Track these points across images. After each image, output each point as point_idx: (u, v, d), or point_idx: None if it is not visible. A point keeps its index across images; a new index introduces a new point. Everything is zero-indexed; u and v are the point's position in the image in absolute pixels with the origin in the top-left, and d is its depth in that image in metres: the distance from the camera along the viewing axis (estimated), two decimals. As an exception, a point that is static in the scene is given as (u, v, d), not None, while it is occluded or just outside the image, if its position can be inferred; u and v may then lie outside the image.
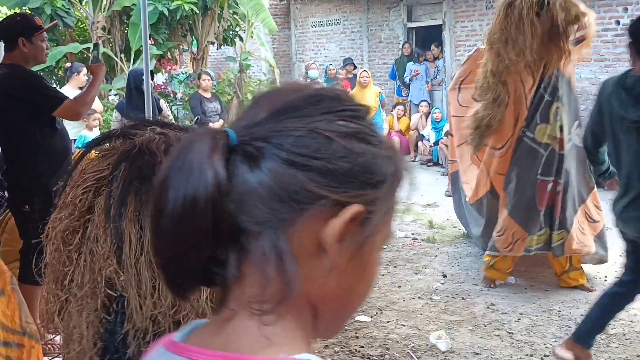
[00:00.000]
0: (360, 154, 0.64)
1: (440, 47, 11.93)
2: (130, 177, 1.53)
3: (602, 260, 4.84)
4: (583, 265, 4.82)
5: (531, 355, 3.74)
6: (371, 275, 0.70)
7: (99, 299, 1.57)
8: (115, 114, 6.77)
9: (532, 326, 4.13)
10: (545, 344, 3.88)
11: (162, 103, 7.25)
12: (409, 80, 11.64)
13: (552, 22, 4.23)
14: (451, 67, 11.66)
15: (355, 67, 11.33)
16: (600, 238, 4.77)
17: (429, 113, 10.96)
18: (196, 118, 8.03)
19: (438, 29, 12.17)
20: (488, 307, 4.46)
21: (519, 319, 4.24)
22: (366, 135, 0.66)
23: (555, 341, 3.90)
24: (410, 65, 11.64)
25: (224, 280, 0.64)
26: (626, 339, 3.93)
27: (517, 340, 3.94)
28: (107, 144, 1.66)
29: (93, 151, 1.71)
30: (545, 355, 3.74)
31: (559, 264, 4.79)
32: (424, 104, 11.21)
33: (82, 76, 7.39)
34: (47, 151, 3.64)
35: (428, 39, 12.40)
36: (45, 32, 3.81)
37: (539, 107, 4.48)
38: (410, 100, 11.70)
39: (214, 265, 0.64)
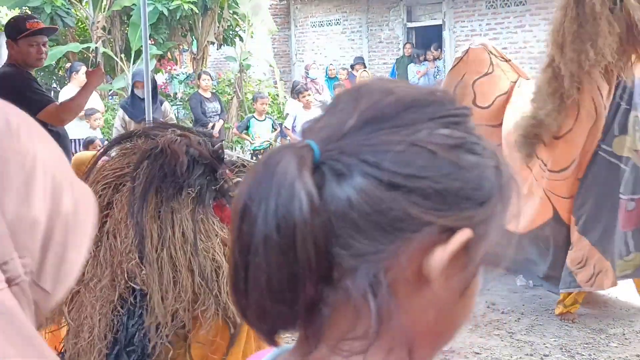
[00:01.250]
0: (468, 169, 0.55)
1: (439, 49, 11.95)
2: (152, 175, 1.60)
3: None
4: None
5: (531, 355, 3.75)
6: (471, 303, 0.61)
7: (117, 291, 1.60)
8: (120, 112, 6.79)
9: (532, 326, 4.13)
10: (545, 344, 3.88)
11: (166, 106, 7.23)
12: (418, 81, 11.70)
13: (628, 20, 3.64)
14: (451, 67, 11.66)
15: (365, 67, 11.33)
16: None
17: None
18: (211, 124, 8.00)
19: (438, 29, 12.18)
20: (488, 307, 4.46)
21: (519, 319, 4.24)
22: (472, 145, 0.56)
23: (555, 341, 3.91)
24: (412, 67, 11.68)
25: (310, 320, 0.56)
26: (626, 339, 3.94)
27: (517, 340, 3.94)
28: (128, 144, 1.71)
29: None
30: (545, 355, 3.74)
31: None
32: (423, 103, 11.22)
33: (81, 75, 7.41)
34: None
35: (428, 39, 12.42)
36: (42, 36, 3.76)
37: (616, 116, 3.90)
38: None
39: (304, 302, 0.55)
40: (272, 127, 7.98)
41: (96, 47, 10.16)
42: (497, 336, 4.01)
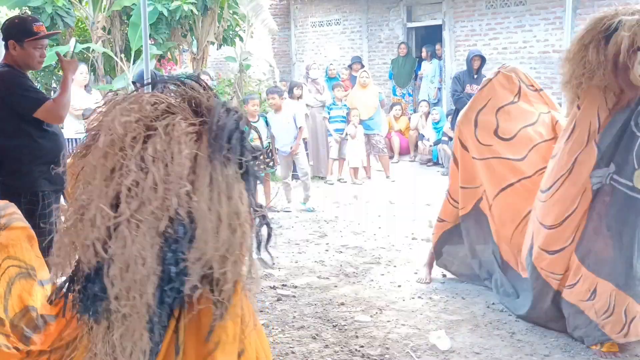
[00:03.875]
0: None
1: (439, 47, 12.02)
2: (233, 124, 1.74)
3: None
4: None
5: (531, 355, 3.75)
6: None
7: (165, 218, 1.57)
8: None
9: (532, 326, 4.13)
10: (545, 344, 3.88)
11: None
12: (419, 79, 11.87)
13: (617, 48, 3.51)
14: (451, 67, 11.67)
15: (362, 67, 11.35)
16: None
17: (429, 113, 10.99)
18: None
19: (438, 28, 12.19)
20: (488, 307, 4.46)
21: (519, 319, 4.24)
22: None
23: (555, 341, 3.90)
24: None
25: None
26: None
27: (517, 340, 3.94)
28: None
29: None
30: (545, 355, 3.74)
31: None
32: (423, 104, 11.25)
33: (77, 74, 7.38)
34: (34, 152, 3.63)
35: (428, 39, 12.45)
36: (45, 40, 3.77)
37: (632, 147, 3.56)
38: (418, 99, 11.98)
39: None
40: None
41: (96, 49, 10.15)
42: (497, 336, 4.01)
